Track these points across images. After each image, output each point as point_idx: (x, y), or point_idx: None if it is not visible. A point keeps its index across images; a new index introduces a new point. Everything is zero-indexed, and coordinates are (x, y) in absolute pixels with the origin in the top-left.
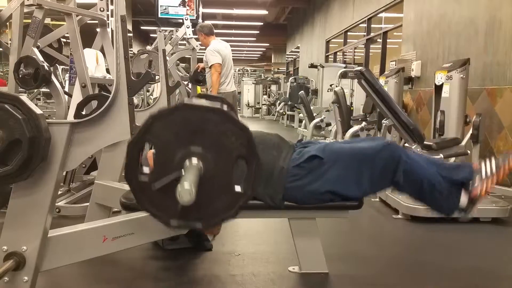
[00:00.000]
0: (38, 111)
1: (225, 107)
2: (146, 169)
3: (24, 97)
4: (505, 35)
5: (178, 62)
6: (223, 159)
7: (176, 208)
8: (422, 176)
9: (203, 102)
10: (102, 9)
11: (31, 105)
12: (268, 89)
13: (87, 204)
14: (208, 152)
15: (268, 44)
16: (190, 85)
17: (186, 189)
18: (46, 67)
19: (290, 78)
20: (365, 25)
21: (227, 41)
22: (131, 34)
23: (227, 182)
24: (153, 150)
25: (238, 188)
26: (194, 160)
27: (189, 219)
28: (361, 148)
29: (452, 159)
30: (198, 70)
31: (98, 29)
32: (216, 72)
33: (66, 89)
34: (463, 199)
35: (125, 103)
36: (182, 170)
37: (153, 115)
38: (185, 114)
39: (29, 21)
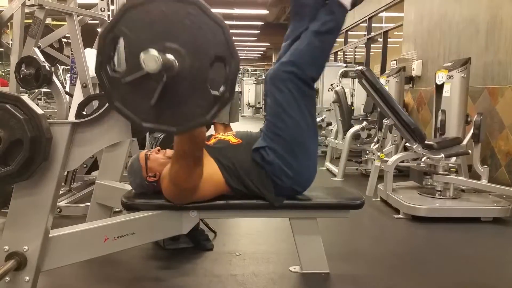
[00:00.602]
0: (39, 111)
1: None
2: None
3: (25, 97)
4: (506, 34)
5: None
6: (199, 57)
7: (149, 109)
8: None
9: None
10: (103, 9)
11: (33, 105)
12: None
13: (88, 204)
14: (183, 48)
15: (269, 44)
16: None
17: (152, 54)
18: (47, 67)
19: None
20: (366, 24)
21: None
22: None
23: (203, 84)
24: (145, 151)
25: (215, 91)
26: (170, 56)
27: (162, 122)
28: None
29: (453, 159)
30: None
31: (99, 29)
32: None
33: (67, 89)
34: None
35: None
36: None
37: (126, 4)
38: (161, 5)
39: (30, 21)
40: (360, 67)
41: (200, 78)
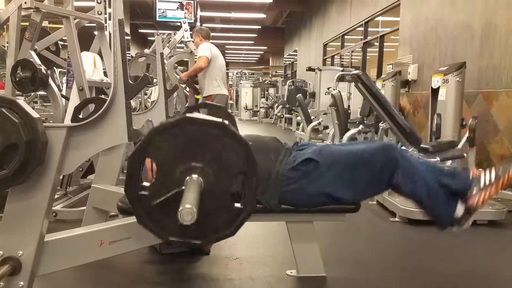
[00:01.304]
0: (35, 114)
1: (225, 121)
2: (146, 184)
3: (21, 101)
4: (500, 39)
5: (176, 65)
6: (223, 174)
7: (175, 224)
8: (418, 179)
9: (204, 115)
10: (100, 12)
11: (28, 108)
12: (266, 92)
13: (84, 208)
14: (208, 167)
15: (266, 47)
16: (187, 88)
17: (188, 208)
18: (43, 71)
19: (288, 81)
20: (362, 28)
21: (226, 44)
22: (129, 37)
23: (227, 198)
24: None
25: (237, 204)
26: (194, 176)
27: (188, 236)
28: (358, 151)
29: (449, 162)
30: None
31: (95, 32)
32: (200, 62)
33: (64, 92)
34: (460, 208)
35: (122, 107)
36: (183, 186)
37: (154, 129)
38: (187, 128)
39: (27, 24)
40: (356, 71)
41: (223, 193)
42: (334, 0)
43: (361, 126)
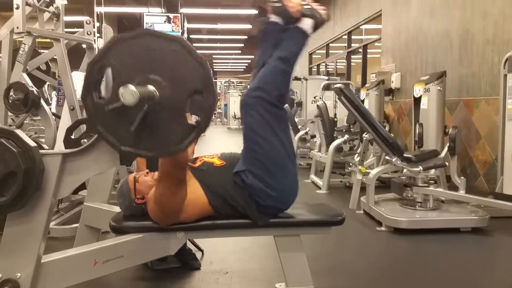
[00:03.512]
0: (32, 143)
1: (184, 38)
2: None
3: (18, 131)
4: (478, 48)
5: None
6: (179, 90)
7: (129, 135)
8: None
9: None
10: (89, 33)
11: (26, 138)
12: None
13: (76, 225)
14: (165, 81)
15: (253, 56)
16: None
17: (130, 89)
18: (35, 92)
19: None
20: (346, 37)
21: (213, 54)
22: None
23: (181, 114)
24: (134, 174)
25: (191, 121)
26: (151, 87)
27: (140, 147)
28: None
29: (432, 171)
30: None
31: (84, 46)
32: None
33: (53, 107)
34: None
35: None
36: None
37: (114, 37)
38: (147, 41)
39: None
40: (338, 85)
41: (178, 108)
42: None
43: (346, 136)
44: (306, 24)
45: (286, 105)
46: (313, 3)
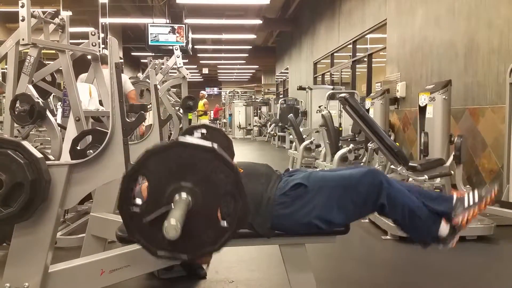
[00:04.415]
0: (38, 155)
1: (215, 145)
2: (138, 201)
3: (25, 142)
4: (483, 58)
5: (169, 88)
6: (211, 194)
7: (164, 240)
8: (403, 201)
9: (196, 139)
10: (94, 44)
11: (32, 149)
12: (258, 111)
13: (83, 235)
14: (198, 187)
15: (258, 66)
16: (181, 110)
17: (172, 224)
18: (41, 104)
19: (280, 100)
20: (351, 46)
21: (218, 64)
22: (122, 61)
23: (214, 217)
24: (139, 185)
25: (223, 223)
26: (183, 195)
27: (175, 251)
28: (345, 175)
29: (437, 180)
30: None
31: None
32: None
33: (58, 118)
34: (444, 227)
35: (120, 144)
36: (172, 204)
37: (148, 151)
38: (178, 151)
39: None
40: (343, 94)
41: (211, 212)
42: (323, 20)
43: (351, 145)
44: (444, 231)
45: (291, 114)
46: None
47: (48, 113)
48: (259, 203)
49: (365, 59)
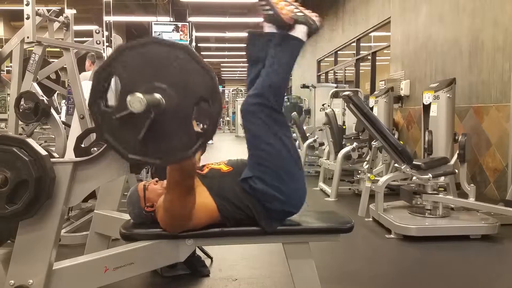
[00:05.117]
0: (43, 152)
1: (191, 46)
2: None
3: (30, 140)
4: (488, 56)
5: None
6: (185, 97)
7: (136, 142)
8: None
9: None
10: (98, 42)
11: (37, 147)
12: None
13: (87, 232)
14: (171, 89)
15: None
16: None
17: (138, 96)
18: (45, 101)
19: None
20: (355, 44)
21: (221, 62)
22: None
23: (188, 122)
24: (143, 182)
25: (198, 128)
26: (157, 95)
27: (147, 155)
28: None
29: (441, 178)
30: None
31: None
32: None
33: (62, 115)
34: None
35: None
36: None
37: (121, 46)
38: (154, 49)
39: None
40: (347, 92)
41: (184, 115)
42: (326, 17)
43: (355, 144)
44: (300, 31)
45: (294, 113)
46: (305, 10)
47: (52, 110)
48: (255, 200)
49: (369, 57)
